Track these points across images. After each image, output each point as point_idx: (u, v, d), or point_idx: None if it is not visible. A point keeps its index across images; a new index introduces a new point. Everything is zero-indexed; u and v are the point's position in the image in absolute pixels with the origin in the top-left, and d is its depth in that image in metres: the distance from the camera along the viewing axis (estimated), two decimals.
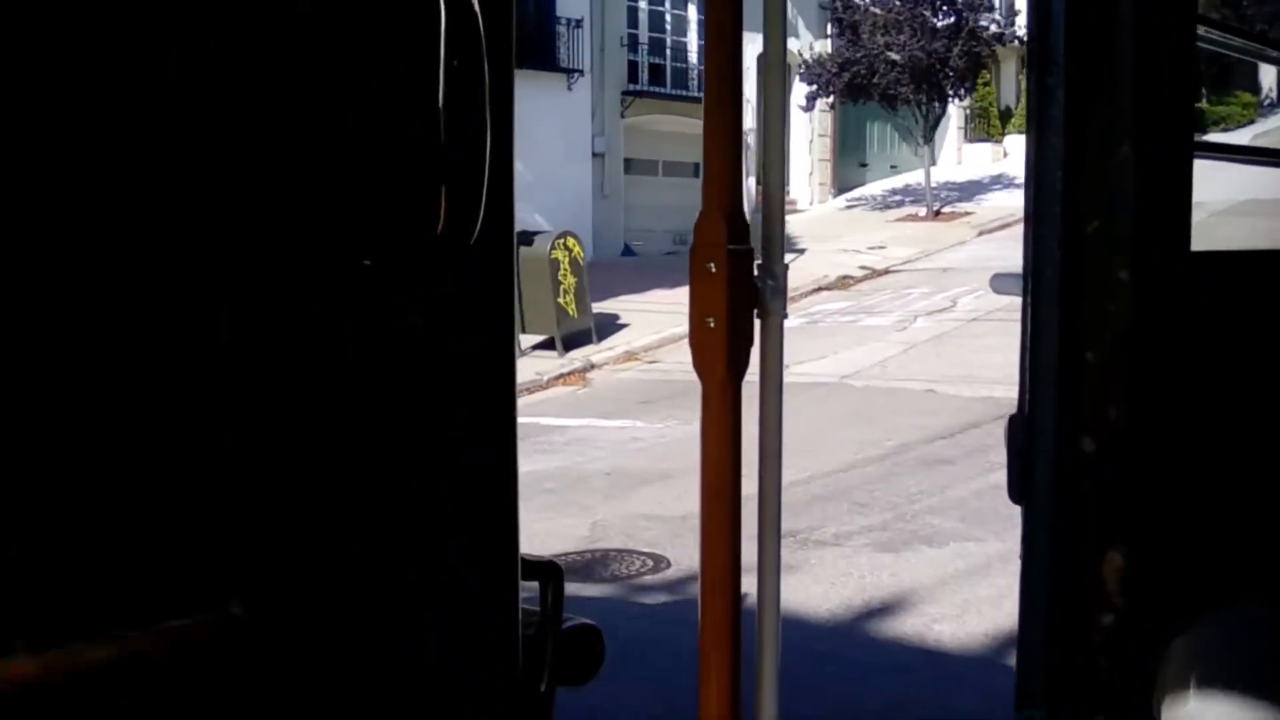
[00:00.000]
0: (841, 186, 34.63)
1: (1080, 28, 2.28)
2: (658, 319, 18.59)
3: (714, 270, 2.13)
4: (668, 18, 28.72)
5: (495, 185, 1.36)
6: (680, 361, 16.94)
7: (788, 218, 2.47)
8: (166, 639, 1.21)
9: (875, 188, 34.76)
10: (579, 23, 25.62)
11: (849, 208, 32.97)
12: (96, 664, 1.15)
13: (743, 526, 2.20)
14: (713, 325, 2.13)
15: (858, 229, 27.49)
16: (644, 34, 27.87)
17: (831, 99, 30.83)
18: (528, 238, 16.52)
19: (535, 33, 25.04)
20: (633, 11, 26.58)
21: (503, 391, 1.53)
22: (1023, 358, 2.42)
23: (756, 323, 2.20)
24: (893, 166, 35.61)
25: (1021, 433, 2.43)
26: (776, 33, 2.26)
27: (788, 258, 2.24)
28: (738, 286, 2.14)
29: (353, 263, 1.29)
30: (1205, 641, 2.27)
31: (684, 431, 12.07)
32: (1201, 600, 2.36)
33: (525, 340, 16.43)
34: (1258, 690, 2.12)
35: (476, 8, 1.26)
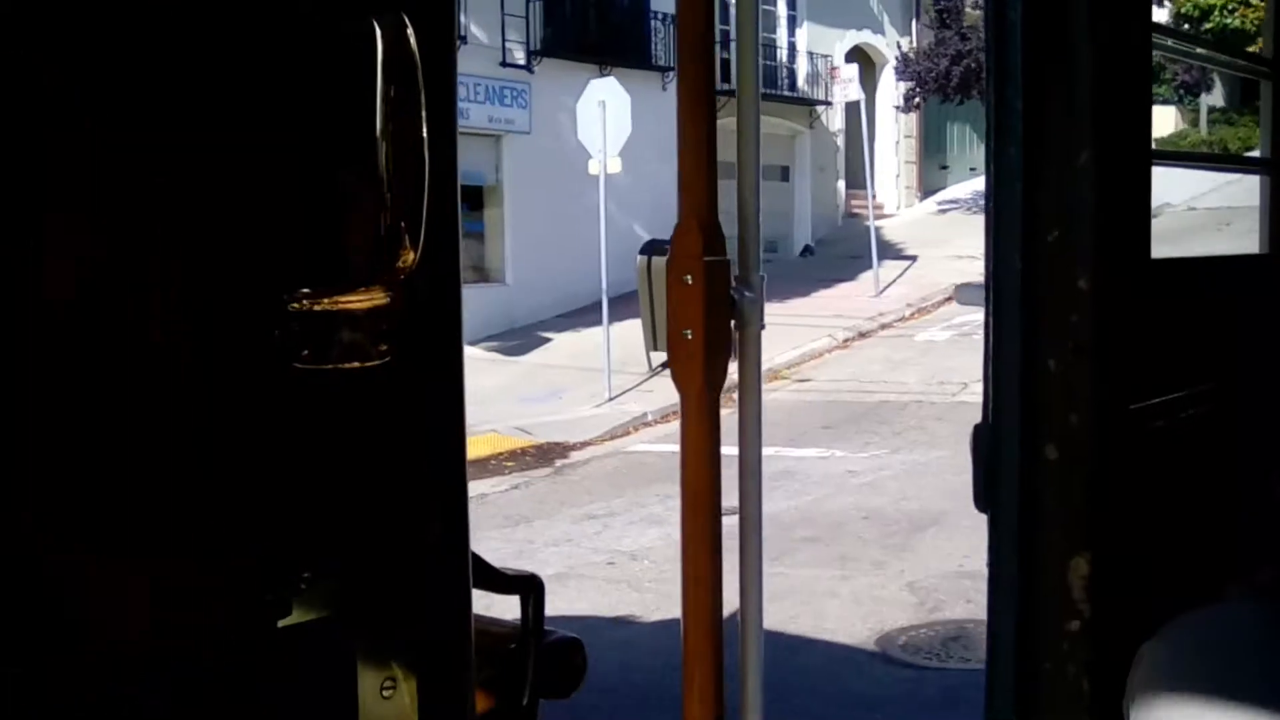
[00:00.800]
0: (926, 190, 33.90)
1: (1037, 39, 2.30)
2: (793, 332, 17.89)
3: (690, 282, 2.14)
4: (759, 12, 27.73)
5: (436, 215, 1.35)
6: (835, 380, 16.57)
7: (880, 223, 2.48)
8: None
9: (960, 190, 33.52)
10: (674, 19, 23.93)
11: (942, 211, 32.06)
12: None
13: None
14: (690, 337, 2.14)
15: (962, 233, 26.16)
16: (734, 29, 26.83)
17: (918, 99, 30.12)
18: (660, 247, 16.11)
19: (629, 30, 24.62)
20: (724, 6, 24.36)
21: (450, 425, 1.52)
22: (986, 367, 2.43)
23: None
24: (971, 169, 33.80)
25: (986, 442, 2.44)
26: (748, 42, 2.27)
27: (899, 265, 2.25)
28: (714, 298, 2.14)
29: (276, 300, 1.28)
30: (1173, 645, 2.29)
31: (900, 462, 11.55)
32: (1170, 604, 2.38)
33: (655, 358, 16.11)
34: (1226, 692, 2.14)
35: (413, 43, 1.26)
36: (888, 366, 17.01)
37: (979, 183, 32.03)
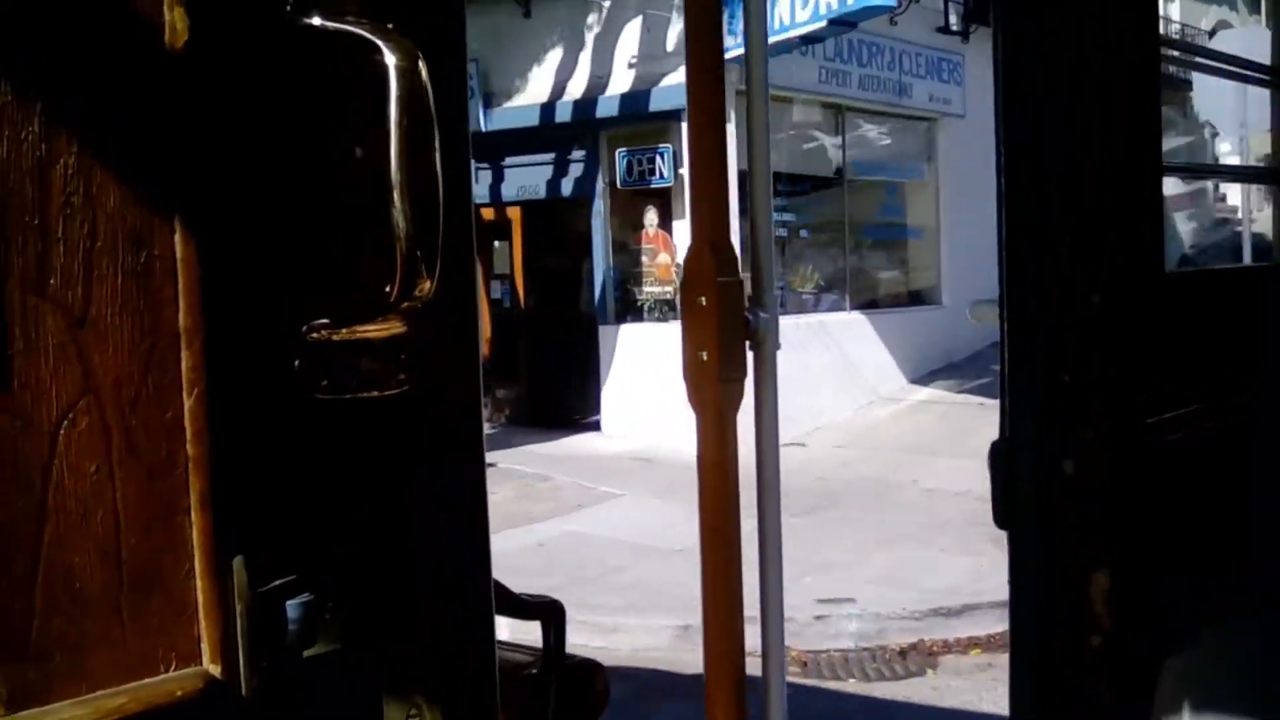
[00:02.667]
0: None
1: (1049, 51, 2.31)
2: None
3: (704, 304, 2.14)
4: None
5: (451, 243, 1.36)
6: None
7: None
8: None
9: None
10: None
11: None
12: None
13: None
14: (705, 359, 2.14)
15: None
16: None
17: None
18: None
19: None
20: None
21: (469, 451, 1.53)
22: (1002, 382, 2.43)
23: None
24: None
25: (1003, 458, 2.44)
26: (758, 42, 2.27)
27: None
28: (728, 319, 2.14)
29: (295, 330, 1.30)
30: (1200, 659, 2.28)
31: None
32: (1196, 618, 2.38)
33: None
34: (1254, 706, 2.14)
35: (425, 73, 1.27)
36: None
37: None
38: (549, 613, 2.02)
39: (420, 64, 1.26)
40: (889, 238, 18.53)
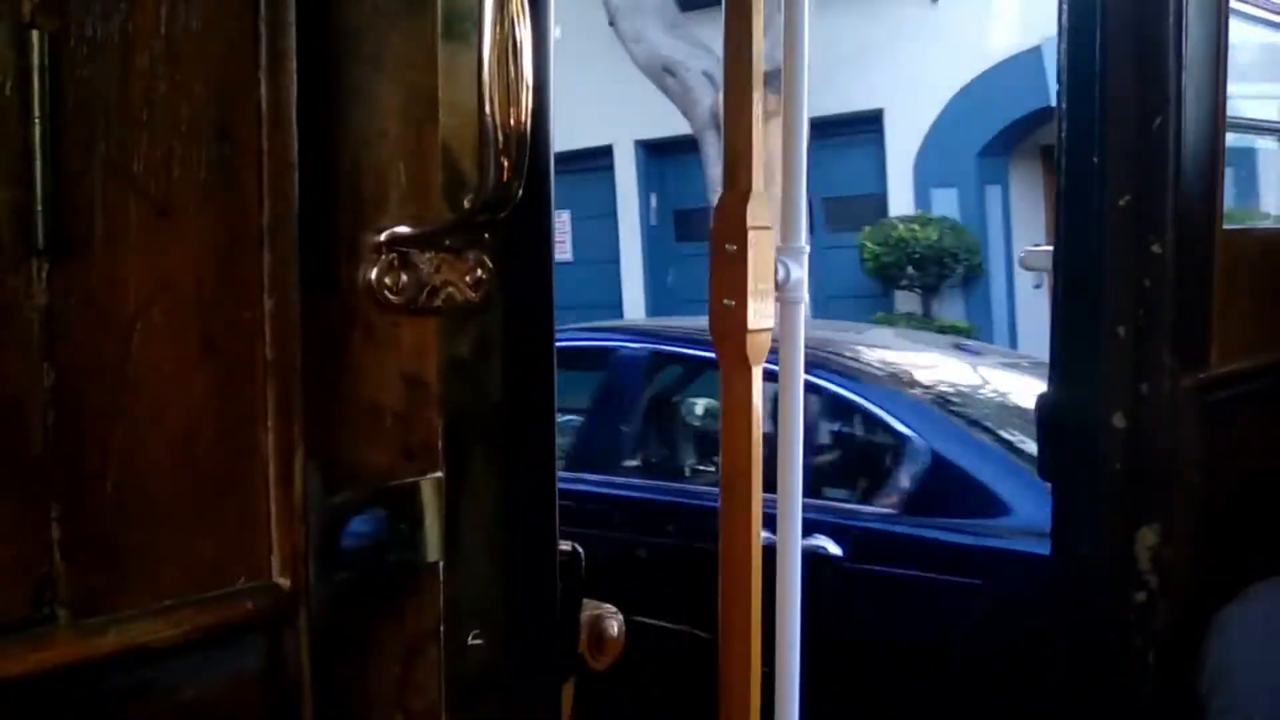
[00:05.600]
0: None
1: (1114, 1, 2.26)
2: None
3: (734, 250, 2.09)
4: None
5: (535, 155, 1.32)
6: None
7: None
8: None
9: None
10: None
11: None
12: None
13: None
14: (732, 307, 2.10)
15: None
16: None
17: None
18: None
19: None
20: None
21: (541, 378, 1.49)
22: (1053, 335, 2.40)
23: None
24: None
25: (1050, 411, 2.41)
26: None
27: None
28: (758, 268, 2.10)
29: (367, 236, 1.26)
30: (1249, 615, 2.25)
31: None
32: (1238, 577, 2.35)
33: None
34: None
35: None
36: None
37: None
38: (569, 557, 2.00)
39: None
40: None
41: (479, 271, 1.34)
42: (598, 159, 17.43)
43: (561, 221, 17.02)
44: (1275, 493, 2.57)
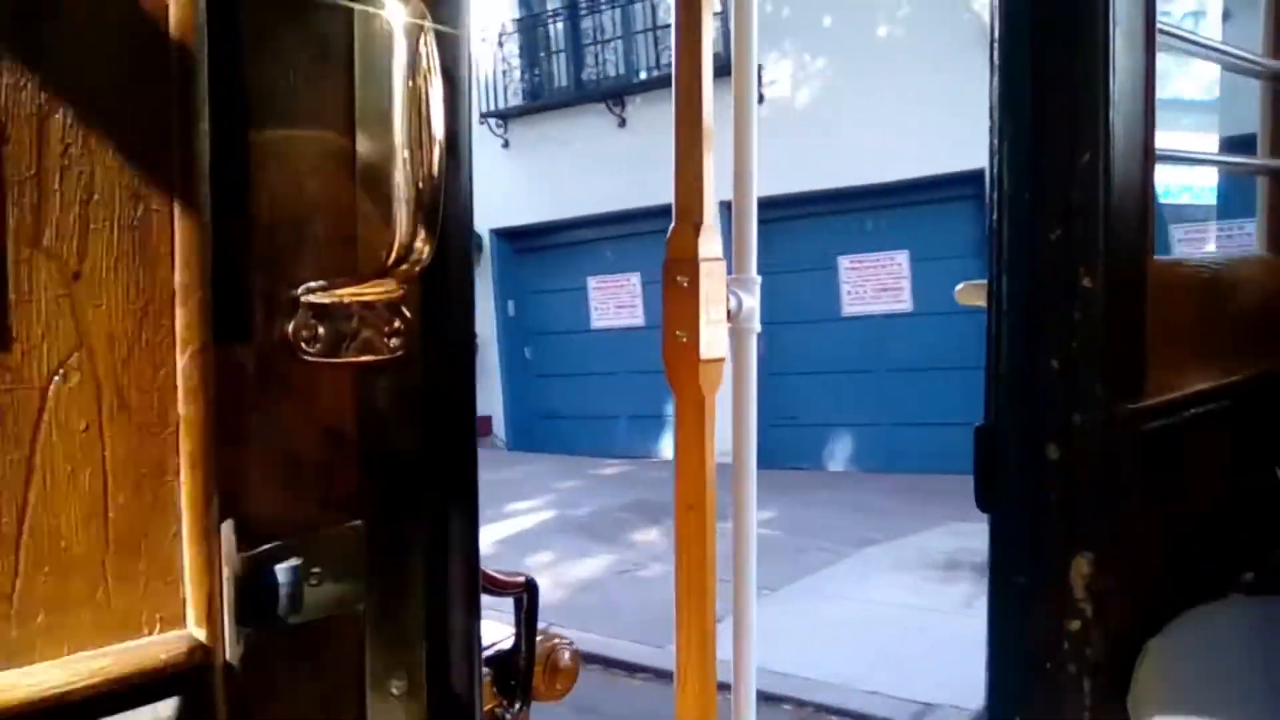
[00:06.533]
0: None
1: (1046, 36, 2.30)
2: None
3: (685, 284, 2.12)
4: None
5: (450, 209, 1.34)
6: None
7: None
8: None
9: None
10: None
11: None
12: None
13: None
14: (684, 339, 2.12)
15: None
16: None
17: None
18: None
19: None
20: None
21: (461, 421, 1.50)
22: (987, 367, 2.43)
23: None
24: None
25: (986, 442, 2.44)
26: (745, 32, 2.26)
27: None
28: (709, 299, 2.13)
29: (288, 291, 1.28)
30: (1179, 640, 2.29)
31: None
32: (1172, 604, 2.38)
33: None
34: (1232, 688, 2.14)
35: (432, 35, 1.25)
36: None
37: None
38: (523, 590, 2.01)
39: (427, 24, 1.24)
40: None
41: (396, 323, 1.36)
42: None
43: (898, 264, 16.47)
44: (1210, 521, 2.61)
